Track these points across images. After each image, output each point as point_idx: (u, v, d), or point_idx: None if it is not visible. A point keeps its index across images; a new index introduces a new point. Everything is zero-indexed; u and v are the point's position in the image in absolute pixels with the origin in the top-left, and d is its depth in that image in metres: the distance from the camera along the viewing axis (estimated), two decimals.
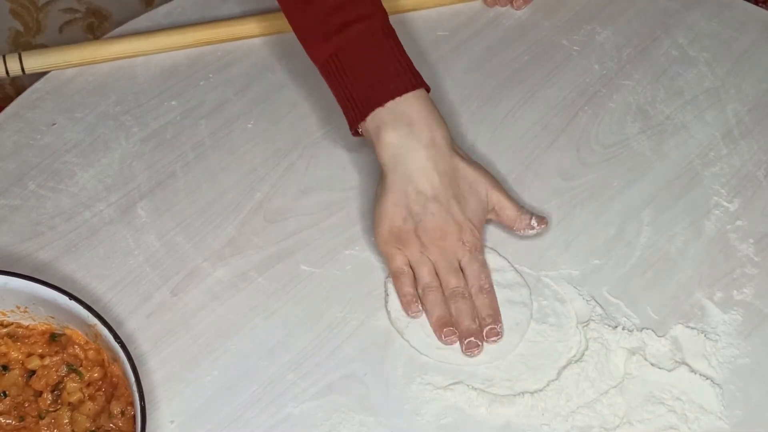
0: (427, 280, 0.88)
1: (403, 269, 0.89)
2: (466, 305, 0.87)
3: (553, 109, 1.03)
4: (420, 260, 0.89)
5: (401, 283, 0.88)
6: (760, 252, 0.93)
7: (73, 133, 0.99)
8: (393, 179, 0.88)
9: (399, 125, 0.87)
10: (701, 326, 0.88)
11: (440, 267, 0.88)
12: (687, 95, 1.05)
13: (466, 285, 0.88)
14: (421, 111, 0.88)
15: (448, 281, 0.88)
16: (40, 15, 1.49)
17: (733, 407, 0.83)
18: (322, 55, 0.90)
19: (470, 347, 0.85)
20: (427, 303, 0.88)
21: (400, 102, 0.87)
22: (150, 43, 1.05)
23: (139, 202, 0.95)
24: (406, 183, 0.88)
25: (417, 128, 0.87)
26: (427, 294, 0.88)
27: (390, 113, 0.87)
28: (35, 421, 0.80)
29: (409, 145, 0.87)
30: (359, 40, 0.89)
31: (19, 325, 0.84)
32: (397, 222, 0.88)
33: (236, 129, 1.01)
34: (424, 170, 0.87)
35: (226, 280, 0.90)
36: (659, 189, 0.97)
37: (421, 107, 0.88)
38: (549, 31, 1.10)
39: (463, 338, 0.86)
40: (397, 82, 0.88)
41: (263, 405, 0.83)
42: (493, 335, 0.86)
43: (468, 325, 0.86)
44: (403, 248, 0.89)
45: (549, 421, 0.82)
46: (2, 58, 1.02)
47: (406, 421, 0.82)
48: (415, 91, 0.88)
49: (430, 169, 0.87)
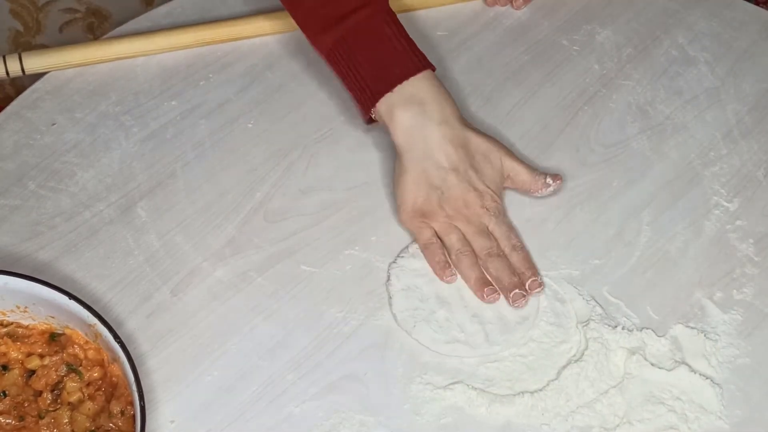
0: (458, 246, 0.90)
1: (432, 239, 0.91)
2: (502, 263, 0.89)
3: (553, 109, 1.03)
4: (448, 229, 0.91)
5: (431, 252, 0.91)
6: (760, 252, 0.93)
7: (73, 133, 0.99)
8: (410, 158, 0.91)
9: (410, 106, 0.91)
10: (701, 326, 0.88)
11: (469, 232, 0.91)
12: (687, 95, 1.05)
13: (498, 245, 0.90)
14: (430, 90, 0.91)
15: (480, 244, 0.90)
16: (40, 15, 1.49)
17: (733, 407, 0.83)
18: (326, 45, 0.93)
19: (516, 299, 0.88)
20: (462, 267, 0.90)
21: (407, 85, 0.91)
22: (150, 43, 1.05)
23: (139, 202, 0.95)
24: (423, 160, 0.91)
25: (428, 107, 0.91)
26: (461, 259, 0.90)
27: (400, 96, 0.91)
28: (35, 420, 0.80)
29: (423, 124, 0.91)
30: (361, 26, 0.92)
31: (19, 325, 0.84)
32: (420, 198, 0.91)
33: (236, 129, 1.01)
34: (440, 145, 0.90)
35: (226, 280, 0.90)
36: (659, 189, 0.97)
37: (429, 87, 0.91)
38: (549, 31, 1.10)
39: (507, 292, 0.88)
40: (402, 65, 0.91)
41: (263, 405, 0.83)
42: (535, 287, 0.88)
43: (510, 279, 0.88)
44: (430, 221, 0.91)
45: (549, 421, 0.82)
46: (2, 58, 1.02)
47: (406, 421, 0.82)
48: (421, 72, 0.91)
49: (446, 144, 0.91)
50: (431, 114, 0.91)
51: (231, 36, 1.07)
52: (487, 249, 0.90)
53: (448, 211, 0.91)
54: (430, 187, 0.91)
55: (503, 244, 0.91)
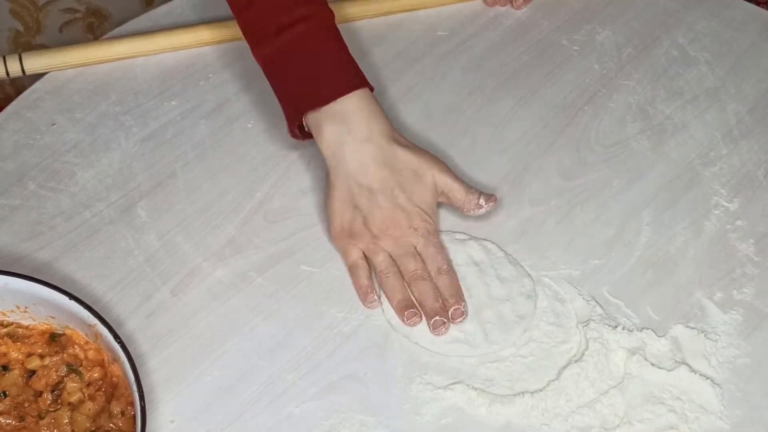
0: (384, 266, 0.89)
1: (357, 262, 0.90)
2: (427, 286, 0.88)
3: (553, 109, 1.03)
4: (374, 250, 0.90)
5: (356, 276, 0.89)
6: (760, 252, 0.93)
7: (73, 133, 0.99)
8: (336, 175, 0.90)
9: (335, 123, 0.89)
10: (701, 326, 0.88)
11: (396, 254, 0.89)
12: (687, 95, 1.05)
13: (425, 268, 0.89)
14: (358, 109, 0.89)
15: (406, 266, 0.89)
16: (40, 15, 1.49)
17: (733, 407, 0.83)
18: (261, 57, 0.92)
19: (437, 326, 0.86)
20: (387, 288, 0.89)
21: (336, 102, 0.89)
22: (150, 43, 1.05)
23: (139, 202, 0.95)
24: (348, 178, 0.89)
25: (353, 125, 0.88)
26: (385, 280, 0.89)
27: (326, 113, 0.89)
28: (35, 421, 0.80)
29: (346, 142, 0.88)
30: (297, 41, 0.90)
31: (19, 325, 0.84)
32: (346, 218, 0.90)
33: (236, 129, 1.01)
34: (364, 165, 0.89)
35: (226, 280, 0.90)
36: (659, 189, 0.97)
37: (358, 104, 0.89)
38: (549, 31, 1.10)
39: (429, 318, 0.86)
40: (333, 83, 0.89)
41: (263, 405, 0.83)
42: (458, 316, 0.87)
43: (432, 305, 0.87)
44: (357, 242, 0.90)
45: (549, 421, 0.82)
46: (2, 59, 1.02)
47: (406, 421, 0.82)
48: (352, 92, 0.89)
49: (370, 163, 0.89)
50: (356, 132, 0.88)
51: (231, 36, 1.07)
52: (412, 271, 0.88)
53: (374, 231, 0.89)
54: (355, 208, 0.89)
55: (430, 266, 0.89)
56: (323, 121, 0.89)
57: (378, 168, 0.89)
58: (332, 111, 0.89)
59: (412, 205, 0.89)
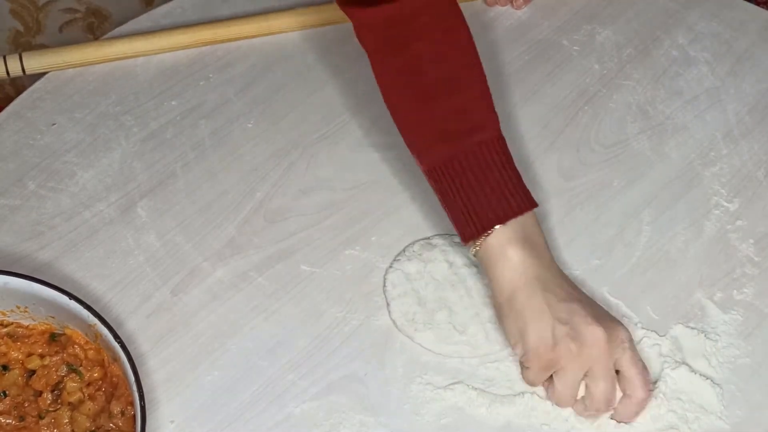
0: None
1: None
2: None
3: (553, 109, 1.03)
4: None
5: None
6: (760, 252, 0.93)
7: (73, 133, 0.99)
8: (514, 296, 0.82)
9: (522, 244, 0.82)
10: (701, 326, 0.88)
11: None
12: (687, 95, 1.05)
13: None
14: (538, 231, 0.84)
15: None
16: (40, 15, 1.49)
17: (733, 407, 0.83)
18: (434, 160, 0.85)
19: None
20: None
21: (518, 221, 0.82)
22: (150, 43, 1.05)
23: (139, 202, 0.95)
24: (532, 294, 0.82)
25: (539, 250, 0.83)
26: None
27: (513, 232, 0.82)
28: (35, 420, 0.80)
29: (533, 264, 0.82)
30: (474, 150, 0.84)
31: (19, 325, 0.84)
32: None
33: (236, 129, 1.01)
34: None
35: (226, 280, 0.90)
36: (659, 189, 0.97)
37: (536, 227, 0.84)
38: (549, 31, 1.10)
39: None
40: (515, 199, 0.83)
41: (263, 405, 0.83)
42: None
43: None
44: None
45: (549, 421, 0.82)
46: (2, 58, 1.02)
47: (406, 421, 0.82)
48: (530, 210, 0.83)
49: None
50: (542, 255, 0.83)
51: (231, 36, 1.07)
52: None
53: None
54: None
55: None
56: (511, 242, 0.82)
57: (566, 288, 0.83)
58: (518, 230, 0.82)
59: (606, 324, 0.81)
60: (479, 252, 0.83)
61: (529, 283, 0.81)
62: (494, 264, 0.82)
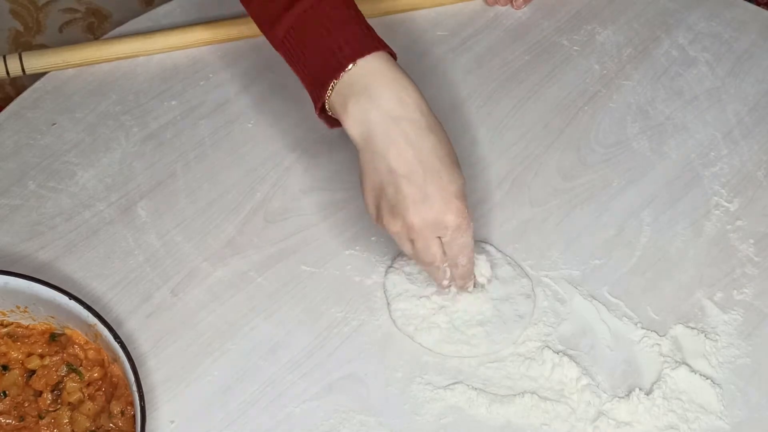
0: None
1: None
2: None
3: (553, 109, 1.03)
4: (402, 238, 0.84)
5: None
6: (760, 252, 0.93)
7: (73, 133, 0.99)
8: (363, 158, 0.82)
9: (359, 97, 0.80)
10: (701, 326, 0.88)
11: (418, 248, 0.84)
12: (687, 95, 1.05)
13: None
14: (380, 75, 0.80)
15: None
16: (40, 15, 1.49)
17: (733, 407, 0.83)
18: (275, 40, 0.85)
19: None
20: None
21: (355, 68, 0.80)
22: (150, 43, 1.05)
23: (139, 202, 0.95)
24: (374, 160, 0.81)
25: (379, 97, 0.80)
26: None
27: (348, 87, 0.80)
28: (35, 420, 0.80)
29: (373, 118, 0.80)
30: (307, 15, 0.82)
31: (19, 325, 0.84)
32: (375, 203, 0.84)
33: (236, 129, 1.01)
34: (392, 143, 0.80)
35: (226, 280, 0.90)
36: (659, 189, 0.97)
37: (379, 71, 0.80)
38: (549, 31, 1.10)
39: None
40: (348, 49, 0.80)
41: (263, 405, 0.83)
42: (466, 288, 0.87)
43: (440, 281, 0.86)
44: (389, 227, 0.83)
45: (549, 421, 0.82)
46: (2, 58, 1.02)
47: (406, 421, 0.82)
48: (372, 54, 0.80)
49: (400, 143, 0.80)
50: (384, 106, 0.79)
51: (231, 36, 1.07)
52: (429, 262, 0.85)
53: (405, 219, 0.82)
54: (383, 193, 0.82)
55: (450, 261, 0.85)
56: (347, 99, 0.80)
57: (405, 149, 0.79)
58: (353, 84, 0.80)
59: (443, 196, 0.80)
60: (332, 97, 0.81)
61: (366, 145, 0.80)
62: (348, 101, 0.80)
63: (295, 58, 0.84)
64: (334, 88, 0.81)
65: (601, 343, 0.87)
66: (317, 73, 0.82)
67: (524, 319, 0.88)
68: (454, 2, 1.11)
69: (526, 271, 0.91)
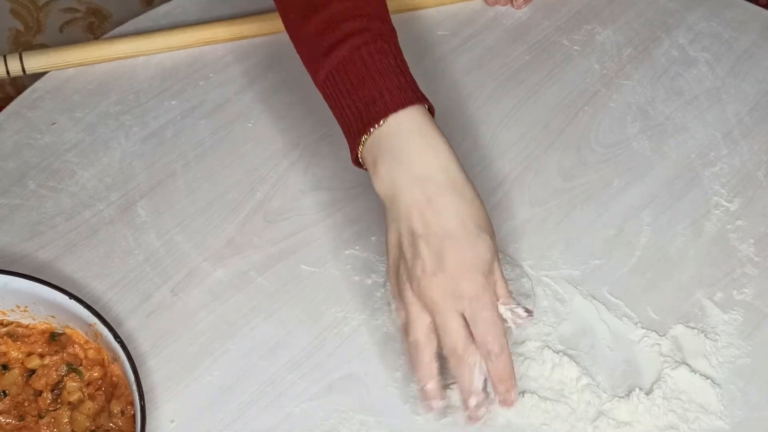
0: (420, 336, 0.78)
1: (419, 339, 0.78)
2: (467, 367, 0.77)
3: (553, 109, 1.03)
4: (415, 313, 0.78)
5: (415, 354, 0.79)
6: (760, 252, 0.93)
7: (73, 133, 0.99)
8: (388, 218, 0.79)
9: (387, 156, 0.77)
10: (701, 326, 0.88)
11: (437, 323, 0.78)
12: (687, 95, 1.05)
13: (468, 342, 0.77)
14: (410, 137, 0.77)
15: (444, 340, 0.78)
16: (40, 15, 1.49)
17: (733, 407, 0.83)
18: (318, 80, 0.82)
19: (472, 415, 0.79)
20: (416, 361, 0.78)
21: (389, 125, 0.78)
22: (150, 43, 1.05)
23: (139, 202, 0.95)
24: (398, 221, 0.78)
25: (407, 157, 0.77)
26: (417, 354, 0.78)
27: (379, 141, 0.78)
28: (35, 420, 0.80)
29: (399, 179, 0.77)
30: (348, 59, 0.79)
31: (19, 325, 0.84)
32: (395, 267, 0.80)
33: (236, 129, 1.01)
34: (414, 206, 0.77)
35: (226, 280, 0.90)
36: (659, 189, 0.97)
37: (409, 132, 0.77)
38: (549, 31, 1.10)
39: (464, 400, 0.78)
40: (382, 102, 0.78)
41: (263, 405, 0.83)
42: (509, 403, 0.79)
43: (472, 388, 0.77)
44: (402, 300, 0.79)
45: (549, 421, 0.82)
46: (3, 58, 1.02)
47: (406, 421, 0.82)
48: (406, 110, 0.78)
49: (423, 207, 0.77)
50: (411, 167, 0.77)
51: (231, 36, 1.07)
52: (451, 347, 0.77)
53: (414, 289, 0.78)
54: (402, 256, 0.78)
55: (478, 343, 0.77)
56: (376, 158, 0.78)
57: (427, 212, 0.76)
58: (383, 142, 0.77)
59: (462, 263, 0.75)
60: (363, 152, 0.78)
61: (391, 206, 0.77)
62: (377, 160, 0.77)
63: (333, 105, 0.82)
64: (365, 143, 0.79)
65: (601, 343, 0.87)
66: (350, 125, 0.80)
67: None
68: (454, 2, 1.11)
69: (526, 271, 0.91)
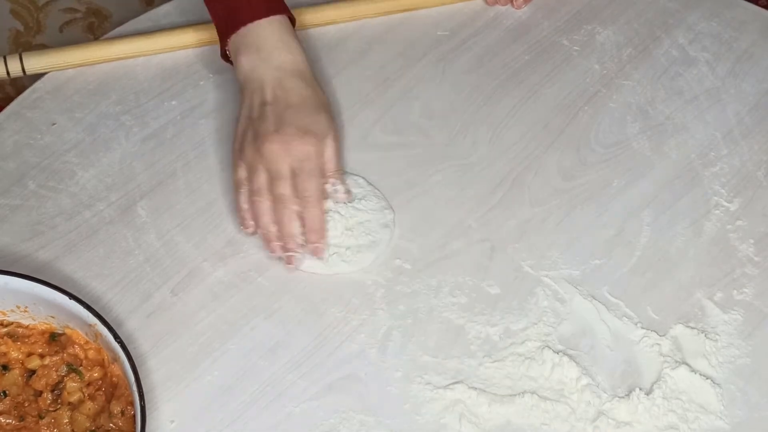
0: (257, 186, 0.90)
1: (241, 181, 0.91)
2: (289, 215, 0.89)
3: (553, 109, 1.03)
4: (254, 167, 0.90)
5: (237, 195, 0.91)
6: (760, 252, 0.93)
7: (73, 133, 0.99)
8: (242, 95, 0.94)
9: (250, 52, 0.94)
10: (701, 326, 0.88)
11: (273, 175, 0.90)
12: (687, 95, 1.05)
13: (294, 193, 0.89)
14: (271, 37, 0.94)
15: (276, 189, 0.89)
16: (40, 15, 1.49)
17: (733, 407, 0.83)
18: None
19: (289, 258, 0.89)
20: (256, 211, 0.90)
21: (251, 28, 0.94)
22: (150, 43, 1.05)
23: (140, 202, 0.95)
24: (252, 95, 0.93)
25: (267, 54, 0.93)
26: (257, 203, 0.90)
27: (243, 41, 0.94)
28: (35, 420, 0.80)
29: (257, 66, 0.93)
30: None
31: (19, 325, 0.84)
32: (241, 133, 0.93)
33: None
34: (267, 83, 0.93)
35: (226, 280, 0.90)
36: (659, 189, 0.97)
37: (271, 33, 0.94)
38: (549, 31, 1.10)
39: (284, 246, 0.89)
40: (249, 9, 0.94)
41: (263, 405, 0.83)
42: (318, 253, 0.89)
43: (289, 231, 0.89)
44: (244, 158, 0.91)
45: (549, 421, 0.82)
46: (3, 58, 1.02)
47: (406, 421, 0.82)
48: (267, 18, 0.94)
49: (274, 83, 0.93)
50: (269, 60, 0.93)
51: None
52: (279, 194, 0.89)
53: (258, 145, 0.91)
54: (250, 121, 0.92)
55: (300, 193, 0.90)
56: (240, 51, 0.94)
57: (278, 88, 0.92)
58: (248, 39, 0.94)
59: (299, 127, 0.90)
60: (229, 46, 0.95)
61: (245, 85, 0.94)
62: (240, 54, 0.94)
63: (210, 6, 0.98)
64: (232, 41, 0.95)
65: (601, 343, 0.87)
66: (220, 26, 0.97)
67: (378, 247, 0.90)
68: (454, 2, 1.11)
69: (527, 271, 0.91)
